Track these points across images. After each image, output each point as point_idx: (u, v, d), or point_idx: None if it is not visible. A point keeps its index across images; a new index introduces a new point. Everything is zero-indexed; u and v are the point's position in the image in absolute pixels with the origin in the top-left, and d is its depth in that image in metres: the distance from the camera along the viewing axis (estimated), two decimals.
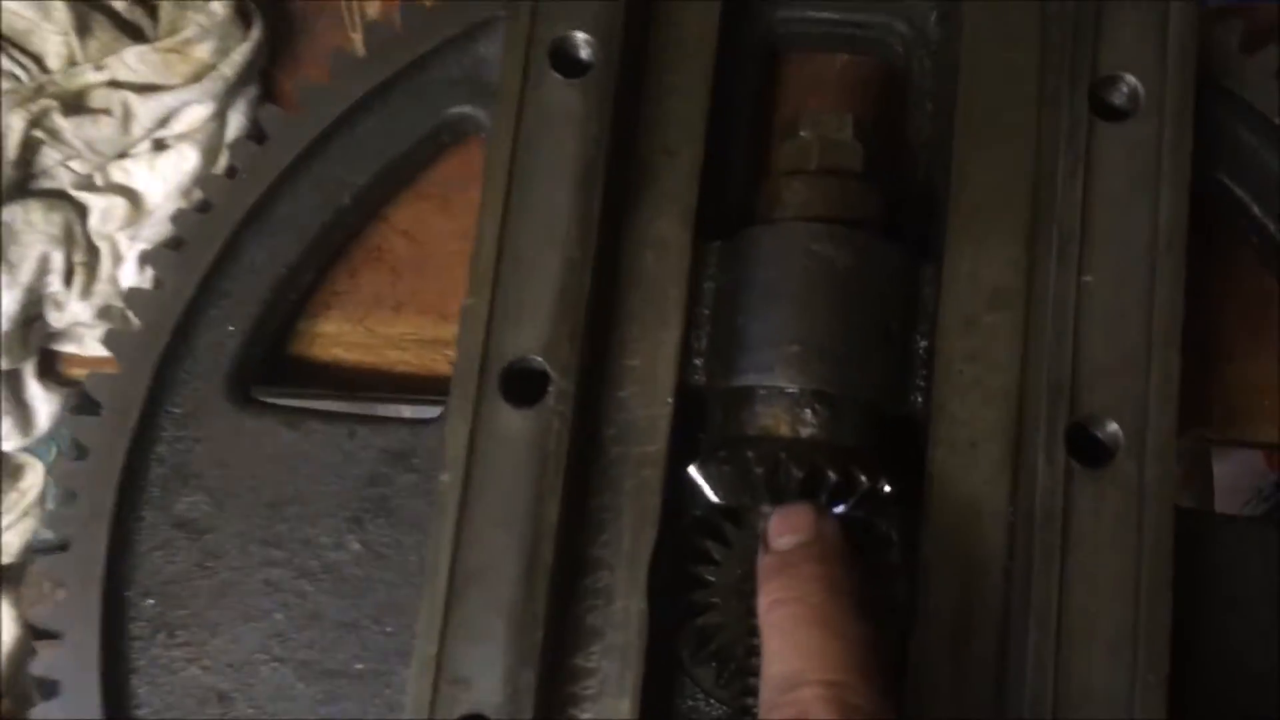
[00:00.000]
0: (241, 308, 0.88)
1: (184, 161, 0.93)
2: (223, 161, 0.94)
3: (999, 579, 0.72)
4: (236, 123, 0.95)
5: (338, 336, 0.94)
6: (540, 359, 0.75)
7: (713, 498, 0.77)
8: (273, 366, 0.91)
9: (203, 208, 0.89)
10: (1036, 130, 0.77)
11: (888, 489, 0.75)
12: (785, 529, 0.71)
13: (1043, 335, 0.73)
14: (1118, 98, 0.76)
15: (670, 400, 0.77)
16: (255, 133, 0.93)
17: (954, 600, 0.72)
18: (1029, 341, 0.75)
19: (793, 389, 0.75)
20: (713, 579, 0.78)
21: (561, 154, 0.78)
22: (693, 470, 0.77)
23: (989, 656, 0.71)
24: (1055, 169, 0.75)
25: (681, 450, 0.77)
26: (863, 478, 0.74)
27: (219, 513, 0.83)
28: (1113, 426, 0.72)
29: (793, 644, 0.66)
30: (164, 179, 0.91)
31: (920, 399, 0.77)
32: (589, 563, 0.75)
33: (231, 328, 0.87)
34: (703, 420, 0.81)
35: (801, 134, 0.81)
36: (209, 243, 0.88)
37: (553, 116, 0.78)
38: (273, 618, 0.82)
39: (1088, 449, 0.71)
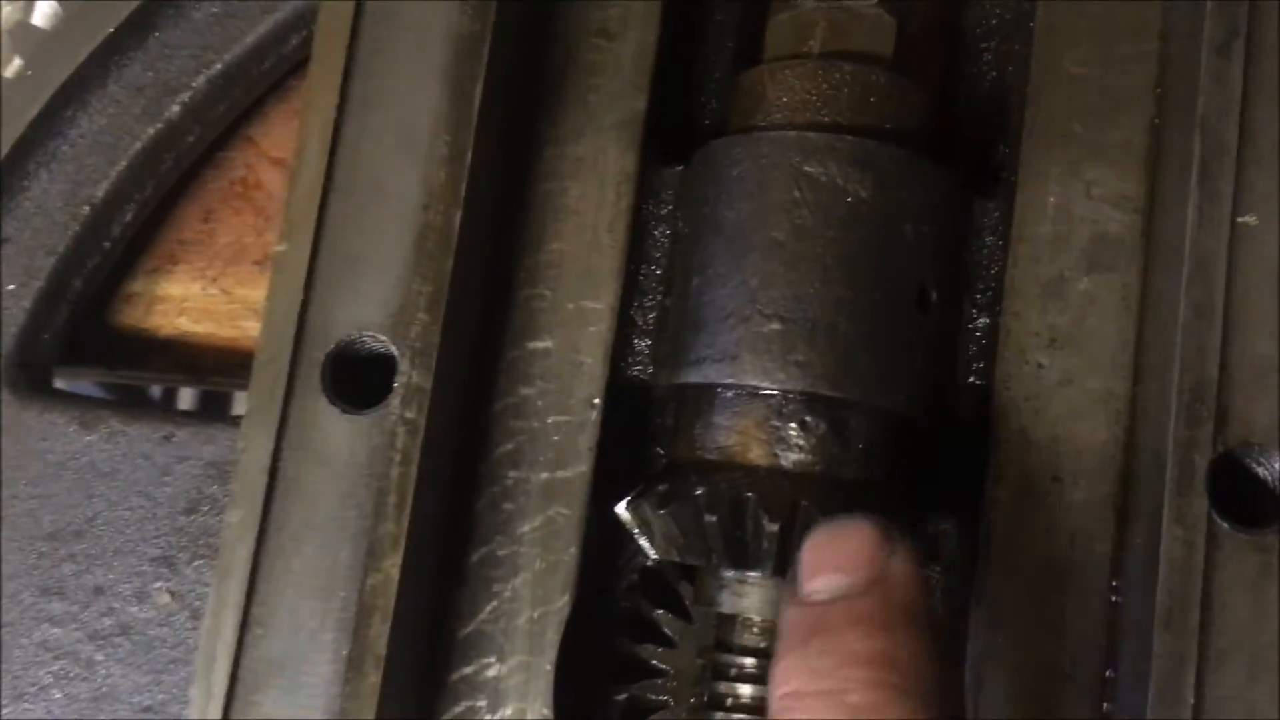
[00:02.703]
0: (27, 259, 0.76)
1: None
2: (15, 63, 0.80)
3: (1091, 695, 0.59)
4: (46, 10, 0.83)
5: (183, 301, 0.83)
6: (384, 338, 0.61)
7: (650, 553, 0.65)
8: (87, 342, 0.81)
9: None
10: None
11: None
12: (825, 563, 0.53)
13: (1171, 310, 0.59)
14: None
15: (598, 402, 0.65)
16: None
17: None
18: (1149, 319, 0.62)
19: (770, 390, 0.62)
20: (664, 667, 0.67)
21: (427, 24, 0.63)
22: (621, 511, 0.65)
23: None
24: (1196, 45, 0.60)
25: (615, 477, 0.66)
26: None
27: None
28: None
29: None
30: None
31: (974, 406, 0.65)
32: (465, 646, 0.63)
33: (12, 286, 0.75)
34: (648, 433, 0.70)
35: None
36: None
37: None
38: (49, 696, 0.71)
39: (1244, 497, 0.58)
